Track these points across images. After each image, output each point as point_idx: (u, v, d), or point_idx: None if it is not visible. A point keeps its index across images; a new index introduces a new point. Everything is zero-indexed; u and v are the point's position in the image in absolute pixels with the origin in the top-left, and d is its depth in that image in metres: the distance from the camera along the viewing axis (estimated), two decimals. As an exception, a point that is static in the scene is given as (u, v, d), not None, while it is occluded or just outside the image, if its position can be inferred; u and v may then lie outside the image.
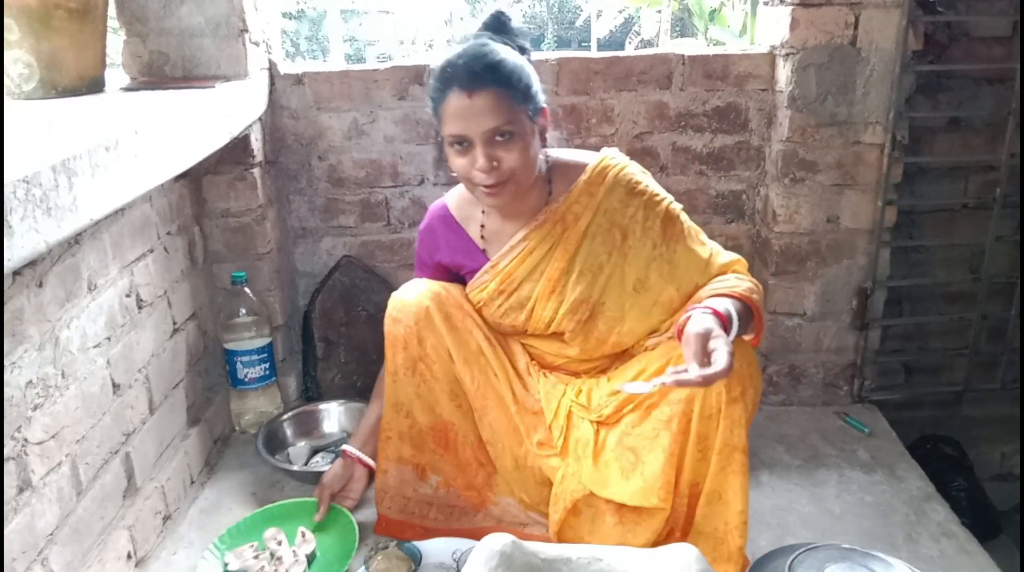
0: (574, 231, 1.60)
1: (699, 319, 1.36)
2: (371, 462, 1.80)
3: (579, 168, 1.63)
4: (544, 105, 1.56)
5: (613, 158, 1.63)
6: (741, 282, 1.54)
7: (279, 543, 1.68)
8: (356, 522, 1.72)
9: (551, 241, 1.61)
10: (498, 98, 1.46)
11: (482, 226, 1.70)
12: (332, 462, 1.90)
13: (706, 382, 1.29)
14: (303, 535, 1.69)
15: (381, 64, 2.20)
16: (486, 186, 1.51)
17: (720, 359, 1.28)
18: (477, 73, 1.45)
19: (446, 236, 1.72)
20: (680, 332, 1.39)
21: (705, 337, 1.32)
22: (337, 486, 1.80)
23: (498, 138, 1.47)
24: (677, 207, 1.63)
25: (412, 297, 1.64)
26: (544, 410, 1.68)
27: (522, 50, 1.57)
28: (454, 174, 1.56)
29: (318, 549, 1.68)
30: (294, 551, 1.64)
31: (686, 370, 1.30)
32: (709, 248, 1.63)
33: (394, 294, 1.68)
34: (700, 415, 1.44)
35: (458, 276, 1.74)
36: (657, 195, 1.61)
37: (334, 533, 1.73)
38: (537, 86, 1.54)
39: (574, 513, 1.58)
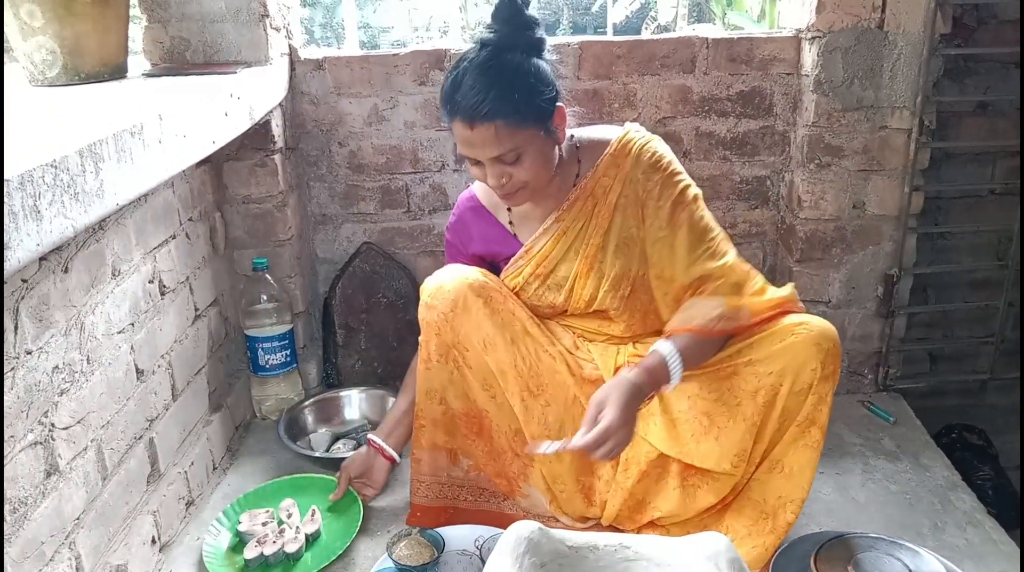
0: (605, 205, 1.59)
1: (615, 382, 1.42)
2: (393, 454, 1.80)
3: (603, 144, 1.62)
4: (559, 103, 1.52)
5: (637, 131, 1.62)
6: (709, 311, 1.49)
7: (289, 515, 1.73)
8: (363, 509, 1.76)
9: (584, 218, 1.61)
10: (499, 129, 1.44)
11: (509, 210, 1.68)
12: (353, 449, 1.91)
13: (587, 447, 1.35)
14: (312, 513, 1.73)
15: (401, 49, 2.19)
16: (501, 195, 1.55)
17: (597, 428, 1.34)
18: (475, 108, 1.42)
19: (478, 225, 1.71)
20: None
21: (600, 406, 1.38)
22: (356, 471, 1.81)
23: (505, 159, 1.48)
24: (695, 192, 1.60)
25: (449, 284, 1.59)
26: (602, 369, 1.65)
27: (534, 45, 1.50)
28: None
29: (323, 530, 1.72)
30: (297, 527, 1.68)
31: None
32: (705, 247, 1.56)
33: (428, 280, 1.63)
34: (791, 390, 1.45)
35: (493, 265, 1.73)
36: (677, 174, 1.59)
37: (342, 518, 1.75)
38: (549, 88, 1.48)
39: (642, 477, 1.57)
